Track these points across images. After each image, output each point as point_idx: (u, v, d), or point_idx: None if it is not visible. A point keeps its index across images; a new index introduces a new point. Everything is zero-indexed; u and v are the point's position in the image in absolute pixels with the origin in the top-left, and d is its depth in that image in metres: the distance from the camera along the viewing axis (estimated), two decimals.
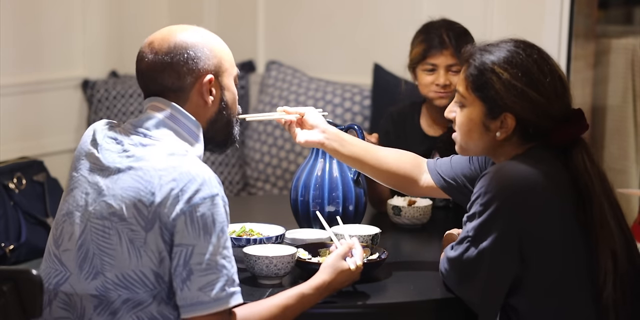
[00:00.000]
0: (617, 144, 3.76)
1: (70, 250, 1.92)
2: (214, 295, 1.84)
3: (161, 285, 1.87)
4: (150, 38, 2.00)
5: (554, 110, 2.03)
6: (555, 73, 2.04)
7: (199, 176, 1.86)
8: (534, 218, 1.98)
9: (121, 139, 1.94)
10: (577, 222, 2.00)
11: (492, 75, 2.02)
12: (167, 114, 1.96)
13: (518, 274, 2.00)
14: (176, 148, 1.91)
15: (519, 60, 2.02)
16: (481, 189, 2.00)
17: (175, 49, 1.96)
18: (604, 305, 1.98)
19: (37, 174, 3.51)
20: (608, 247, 1.98)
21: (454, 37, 2.77)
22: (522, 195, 1.98)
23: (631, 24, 4.34)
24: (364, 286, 2.17)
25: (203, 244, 1.84)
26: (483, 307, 2.02)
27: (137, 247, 1.85)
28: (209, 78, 1.98)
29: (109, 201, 1.88)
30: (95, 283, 1.88)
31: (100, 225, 1.88)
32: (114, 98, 4.12)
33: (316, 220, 2.54)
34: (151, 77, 1.97)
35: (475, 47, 2.09)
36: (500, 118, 2.04)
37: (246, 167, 4.13)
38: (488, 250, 1.99)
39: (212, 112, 2.01)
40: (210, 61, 1.99)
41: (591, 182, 2.01)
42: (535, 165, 2.01)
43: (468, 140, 2.10)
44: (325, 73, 4.12)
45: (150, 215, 1.84)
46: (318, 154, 2.57)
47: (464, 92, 2.08)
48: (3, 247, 3.25)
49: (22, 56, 3.90)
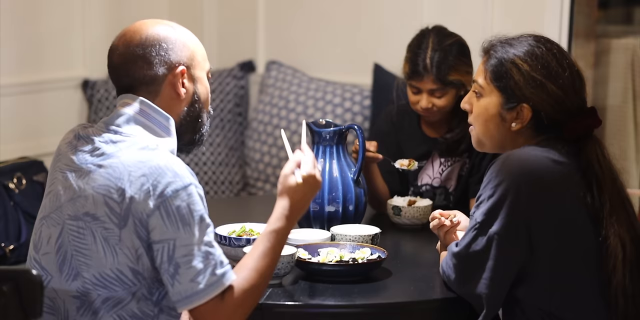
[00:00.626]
0: (617, 144, 3.76)
1: (49, 254, 1.91)
2: (206, 282, 1.81)
3: (140, 282, 1.86)
4: (122, 31, 1.99)
5: (569, 104, 2.07)
6: (574, 68, 2.09)
7: (168, 169, 1.83)
8: (543, 203, 2.00)
9: (92, 138, 1.92)
10: (586, 210, 2.02)
11: (512, 66, 2.07)
12: (136, 109, 1.94)
13: (525, 264, 2.01)
14: (146, 143, 1.90)
15: (539, 53, 2.07)
16: (491, 174, 2.03)
17: (147, 41, 1.95)
18: (613, 292, 1.99)
19: (37, 174, 3.51)
20: (617, 236, 2.00)
21: (437, 63, 2.70)
22: (531, 180, 2.00)
23: (631, 24, 4.34)
24: (364, 286, 2.18)
25: (184, 235, 1.81)
26: (489, 298, 2.02)
27: (112, 245, 1.84)
28: (182, 69, 1.96)
29: (82, 201, 1.87)
30: (76, 284, 1.87)
31: (75, 226, 1.87)
32: (114, 98, 4.10)
33: (316, 220, 2.54)
34: (123, 69, 1.96)
35: (496, 39, 2.13)
36: (516, 109, 2.08)
37: (246, 167, 4.13)
38: (497, 235, 2.00)
39: (184, 106, 1.99)
40: (182, 53, 1.97)
41: (602, 172, 2.04)
42: (546, 153, 2.04)
43: (484, 131, 2.14)
44: (325, 73, 4.12)
45: (122, 212, 1.82)
46: (318, 153, 2.57)
47: (482, 83, 2.12)
48: (3, 247, 3.25)
49: (22, 56, 3.90)
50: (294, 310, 2.08)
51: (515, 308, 2.05)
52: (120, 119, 1.94)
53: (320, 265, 2.19)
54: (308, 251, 2.28)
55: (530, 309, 2.03)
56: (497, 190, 2.00)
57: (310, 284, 2.18)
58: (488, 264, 2.01)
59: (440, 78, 2.70)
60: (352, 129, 2.57)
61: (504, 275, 2.02)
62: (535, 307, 2.02)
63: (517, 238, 2.00)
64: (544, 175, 2.02)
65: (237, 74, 4.21)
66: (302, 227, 2.56)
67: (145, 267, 1.85)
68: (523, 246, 2.00)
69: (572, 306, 2.01)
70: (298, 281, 2.19)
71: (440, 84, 2.71)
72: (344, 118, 3.88)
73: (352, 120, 3.87)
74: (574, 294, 2.02)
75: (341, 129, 2.57)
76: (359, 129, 2.56)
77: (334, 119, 3.84)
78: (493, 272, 2.01)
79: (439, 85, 2.72)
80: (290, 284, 2.18)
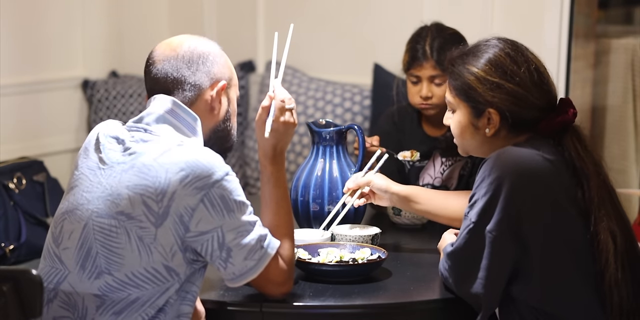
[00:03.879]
0: (617, 144, 3.76)
1: (69, 249, 1.91)
2: (257, 257, 1.91)
3: (174, 278, 1.88)
4: (165, 41, 2.03)
5: (534, 99, 2.09)
6: (531, 63, 2.11)
7: (205, 160, 1.87)
8: (534, 199, 2.01)
9: (123, 138, 1.94)
10: (576, 205, 2.04)
11: (468, 75, 2.11)
12: (166, 108, 1.97)
13: (519, 261, 2.02)
14: (175, 141, 1.93)
15: (492, 56, 2.11)
16: (484, 173, 2.05)
17: (195, 50, 2.01)
18: (607, 287, 2.00)
19: (37, 174, 3.51)
20: (607, 229, 2.02)
21: (437, 48, 2.74)
22: (523, 176, 2.02)
23: (631, 24, 4.34)
24: (364, 286, 2.18)
25: (230, 221, 1.88)
26: (486, 297, 2.03)
27: (147, 244, 1.85)
28: (223, 84, 2.02)
29: (115, 200, 1.87)
30: (98, 283, 1.88)
31: (105, 224, 1.88)
32: (114, 98, 4.12)
33: (316, 220, 2.54)
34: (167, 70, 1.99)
35: (454, 52, 2.18)
36: (485, 115, 2.11)
37: (246, 167, 4.13)
38: (491, 233, 2.01)
39: (217, 121, 2.04)
40: (225, 69, 2.05)
41: (585, 166, 2.06)
42: (535, 150, 2.06)
43: (463, 141, 2.19)
44: (325, 73, 4.12)
45: (161, 211, 1.84)
46: (318, 153, 2.57)
47: (449, 98, 2.18)
48: (3, 247, 3.25)
49: (22, 56, 3.90)
50: (294, 311, 2.07)
51: (510, 306, 2.06)
52: (150, 117, 1.97)
53: (320, 266, 2.19)
54: (308, 251, 2.28)
55: (525, 307, 2.03)
56: (490, 188, 2.02)
57: (310, 284, 2.18)
58: (483, 263, 2.02)
59: (440, 63, 2.72)
60: (352, 129, 2.57)
61: (498, 274, 2.02)
62: (529, 305, 2.03)
63: (511, 235, 2.01)
64: (535, 172, 2.03)
65: (237, 74, 4.21)
66: (302, 227, 2.56)
67: (179, 264, 1.88)
68: (516, 243, 2.01)
69: (565, 303, 2.02)
70: (298, 281, 2.19)
71: (440, 70, 2.73)
72: (344, 118, 3.88)
73: (352, 120, 3.87)
74: (566, 290, 2.02)
75: (341, 129, 2.57)
76: (359, 129, 2.56)
77: (334, 119, 3.84)
78: (488, 271, 2.02)
79: (438, 72, 2.74)
80: None
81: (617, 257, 2.01)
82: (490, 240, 2.01)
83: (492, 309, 2.05)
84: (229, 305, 2.07)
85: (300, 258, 2.21)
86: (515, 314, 2.05)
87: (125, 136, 1.94)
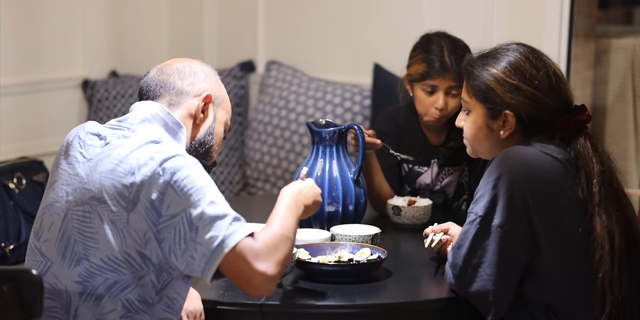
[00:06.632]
0: (617, 144, 3.76)
1: (50, 240, 1.93)
2: (225, 233, 1.81)
3: (148, 267, 1.87)
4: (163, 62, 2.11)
5: (551, 102, 2.11)
6: (550, 67, 2.14)
7: (175, 151, 1.89)
8: (541, 196, 2.03)
9: (104, 134, 1.97)
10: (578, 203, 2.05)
11: (488, 77, 2.13)
12: (152, 112, 2.01)
13: (530, 259, 2.03)
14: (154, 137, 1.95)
15: (513, 59, 2.13)
16: (491, 169, 2.07)
17: (190, 64, 2.08)
18: (600, 284, 2.01)
19: (37, 174, 3.51)
20: (604, 227, 2.03)
21: (456, 61, 2.71)
22: (530, 173, 2.04)
23: (631, 24, 4.34)
24: (364, 286, 2.18)
25: (196, 200, 1.84)
26: (496, 294, 2.03)
27: (120, 228, 1.86)
28: (208, 94, 2.05)
29: (89, 187, 1.90)
30: (78, 269, 1.89)
31: (80, 210, 1.90)
32: (114, 98, 4.12)
33: (316, 220, 2.54)
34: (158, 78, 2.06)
35: (473, 55, 2.21)
36: (501, 117, 2.13)
37: (246, 167, 4.13)
38: (499, 228, 2.02)
39: (197, 132, 2.06)
40: (213, 87, 2.08)
41: (591, 165, 2.07)
42: (541, 148, 2.09)
43: (475, 142, 2.20)
44: (325, 73, 4.12)
45: (132, 196, 1.86)
46: (318, 153, 2.57)
47: (466, 98, 2.19)
48: (3, 247, 3.25)
49: (22, 56, 3.90)
50: (294, 311, 2.08)
51: (520, 307, 2.06)
52: (134, 118, 2.00)
53: (320, 266, 2.19)
54: (308, 251, 2.28)
55: (537, 307, 2.04)
56: (497, 184, 2.03)
57: (310, 284, 2.18)
58: (492, 260, 2.03)
59: (459, 74, 2.70)
60: (352, 129, 2.57)
61: (509, 270, 2.03)
62: (541, 304, 2.03)
63: (520, 231, 2.02)
64: (541, 169, 2.05)
65: (237, 74, 4.21)
66: (302, 227, 2.56)
67: (154, 253, 1.87)
68: (527, 240, 2.02)
69: (571, 300, 2.03)
70: (298, 281, 2.19)
71: (459, 81, 2.72)
72: (344, 118, 3.88)
73: (352, 120, 3.87)
74: (572, 289, 2.03)
75: (341, 129, 2.57)
76: (359, 129, 2.56)
77: (334, 119, 3.84)
78: (498, 267, 2.02)
79: (457, 83, 2.72)
80: (290, 284, 2.18)
81: (613, 255, 2.02)
82: (499, 236, 2.02)
83: (504, 308, 2.05)
84: (229, 305, 2.08)
85: (300, 258, 2.22)
86: (525, 314, 2.05)
87: (106, 133, 1.97)
